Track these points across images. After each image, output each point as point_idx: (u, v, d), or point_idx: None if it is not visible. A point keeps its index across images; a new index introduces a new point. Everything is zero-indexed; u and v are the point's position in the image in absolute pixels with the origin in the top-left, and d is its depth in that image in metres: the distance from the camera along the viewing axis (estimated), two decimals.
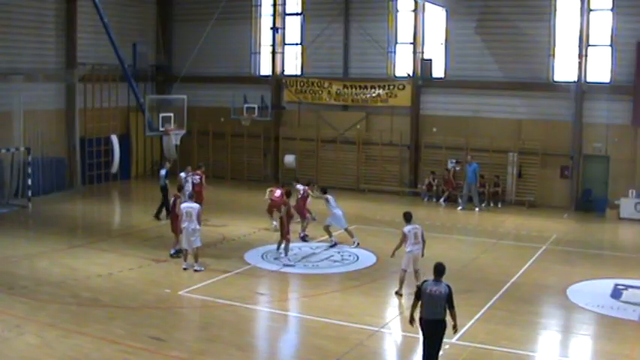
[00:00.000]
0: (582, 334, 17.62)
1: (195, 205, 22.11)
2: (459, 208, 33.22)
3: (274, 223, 26.88)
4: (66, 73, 35.73)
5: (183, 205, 22.06)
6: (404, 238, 19.67)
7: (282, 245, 23.18)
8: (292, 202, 25.08)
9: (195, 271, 21.68)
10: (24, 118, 33.44)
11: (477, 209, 33.13)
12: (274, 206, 26.40)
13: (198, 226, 21.82)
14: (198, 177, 28.40)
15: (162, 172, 29.63)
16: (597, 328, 17.96)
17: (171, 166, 30.66)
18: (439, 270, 13.85)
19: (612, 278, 21.64)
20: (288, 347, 16.77)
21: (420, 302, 13.69)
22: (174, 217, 23.23)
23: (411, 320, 13.95)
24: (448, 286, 13.65)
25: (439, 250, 25.34)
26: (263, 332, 17.94)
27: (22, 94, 33.21)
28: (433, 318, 13.54)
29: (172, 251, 23.38)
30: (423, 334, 13.86)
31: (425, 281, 13.81)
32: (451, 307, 13.60)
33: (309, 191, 26.95)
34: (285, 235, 23.06)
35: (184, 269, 21.86)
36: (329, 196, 25.67)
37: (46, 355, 15.16)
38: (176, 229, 22.81)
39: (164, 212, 28.61)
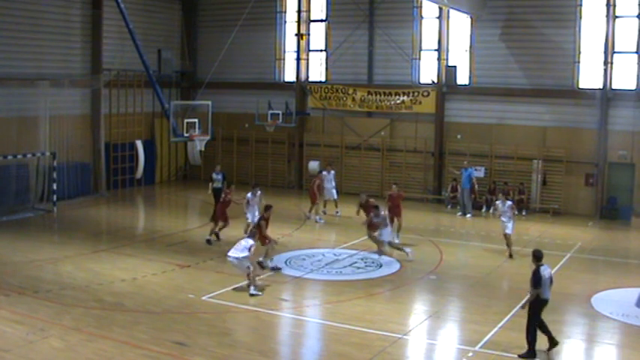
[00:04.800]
0: (607, 343, 17.46)
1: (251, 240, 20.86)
2: (468, 215, 33.06)
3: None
4: (91, 78, 35.98)
5: None
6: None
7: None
8: None
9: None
10: (50, 123, 33.69)
11: (468, 215, 32.99)
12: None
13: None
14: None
15: (220, 176, 29.81)
16: (622, 337, 17.79)
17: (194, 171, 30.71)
18: (541, 255, 16.03)
19: (637, 287, 21.42)
20: (311, 354, 16.75)
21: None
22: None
23: (524, 305, 16.13)
24: (549, 266, 16.15)
25: (462, 258, 25.38)
26: (286, 338, 17.93)
27: (48, 100, 33.46)
28: (549, 297, 15.91)
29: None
30: (540, 314, 15.81)
31: (539, 267, 15.75)
32: (551, 284, 16.01)
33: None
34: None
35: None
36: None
37: (70, 358, 15.24)
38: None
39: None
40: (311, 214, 31.38)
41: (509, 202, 25.47)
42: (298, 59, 39.56)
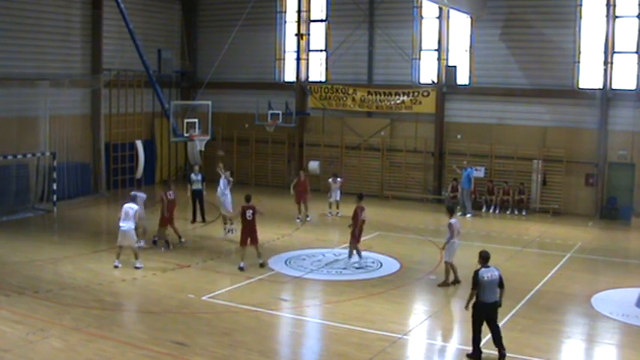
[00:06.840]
0: (606, 343, 17.47)
1: (135, 206, 23.20)
2: (468, 215, 32.99)
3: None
4: (91, 78, 36.00)
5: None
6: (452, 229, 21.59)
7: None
8: None
9: (136, 268, 22.53)
10: (50, 123, 33.70)
11: (468, 215, 32.92)
12: None
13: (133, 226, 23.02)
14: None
15: (199, 177, 29.62)
16: (622, 337, 17.80)
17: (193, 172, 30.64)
18: (487, 257, 15.78)
19: (637, 287, 21.42)
20: (311, 353, 16.75)
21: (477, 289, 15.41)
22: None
23: (467, 306, 15.79)
24: (497, 269, 15.68)
25: (462, 258, 25.28)
26: (286, 338, 17.94)
27: (49, 100, 33.48)
28: (493, 300, 15.42)
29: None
30: (482, 318, 15.43)
31: (478, 270, 15.47)
32: (502, 287, 15.57)
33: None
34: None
35: (115, 267, 22.62)
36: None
37: (70, 358, 15.25)
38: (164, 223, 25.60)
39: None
40: (307, 214, 31.39)
41: (451, 220, 21.91)
42: (298, 59, 39.54)
